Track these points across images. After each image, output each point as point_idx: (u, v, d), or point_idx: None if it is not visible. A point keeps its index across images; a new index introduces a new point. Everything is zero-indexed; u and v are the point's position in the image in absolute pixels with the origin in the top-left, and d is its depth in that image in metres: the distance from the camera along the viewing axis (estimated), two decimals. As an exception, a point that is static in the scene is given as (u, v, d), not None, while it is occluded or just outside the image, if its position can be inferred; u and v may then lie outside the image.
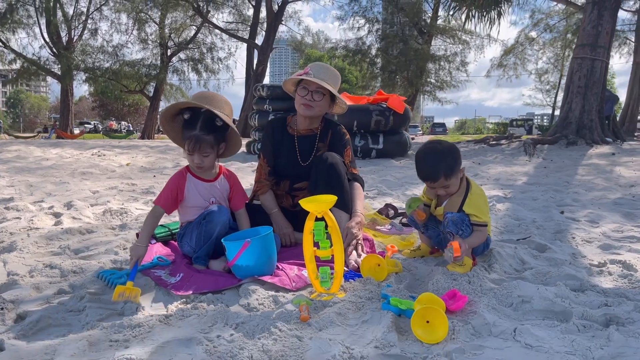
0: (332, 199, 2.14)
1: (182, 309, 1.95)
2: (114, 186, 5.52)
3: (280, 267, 2.43)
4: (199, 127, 2.47)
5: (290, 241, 2.87)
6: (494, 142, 11.95)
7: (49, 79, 34.78)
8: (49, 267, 2.46)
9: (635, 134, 18.53)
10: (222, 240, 2.39)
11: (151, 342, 1.66)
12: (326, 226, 2.14)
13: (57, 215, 3.77)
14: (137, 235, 3.03)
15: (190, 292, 2.17)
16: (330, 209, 2.16)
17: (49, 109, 75.92)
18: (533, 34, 33.46)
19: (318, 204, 2.12)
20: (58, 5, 28.05)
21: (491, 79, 35.85)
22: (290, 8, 29.23)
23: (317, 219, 2.14)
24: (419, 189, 5.27)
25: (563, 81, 37.12)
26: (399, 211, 3.76)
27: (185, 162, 2.69)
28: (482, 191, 2.55)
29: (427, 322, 1.73)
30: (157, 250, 2.73)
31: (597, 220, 3.68)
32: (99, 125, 46.56)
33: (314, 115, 2.87)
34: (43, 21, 28.44)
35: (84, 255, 2.73)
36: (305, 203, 2.12)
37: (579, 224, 3.53)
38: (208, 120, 2.50)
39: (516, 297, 2.01)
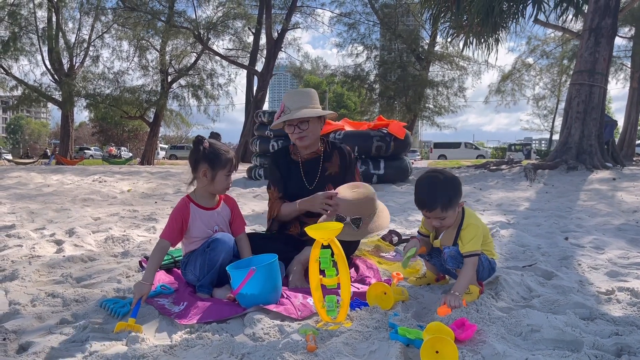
0: (338, 226, 2.13)
1: (187, 339, 1.92)
2: (116, 213, 5.50)
3: (286, 296, 2.41)
4: (226, 148, 2.59)
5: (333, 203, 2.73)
6: (494, 167, 11.95)
7: (49, 105, 34.97)
8: (51, 296, 2.43)
9: (634, 158, 18.58)
10: (226, 269, 2.37)
11: (156, 374, 1.64)
12: (332, 254, 2.13)
13: (58, 242, 3.74)
14: (140, 263, 3.01)
15: (195, 321, 2.15)
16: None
17: (49, 134, 76.24)
18: (530, 60, 33.88)
19: (324, 232, 2.11)
20: (60, 34, 28.40)
21: (489, 104, 36.13)
22: (289, 35, 29.63)
23: (323, 247, 2.13)
24: (421, 215, 5.25)
25: (560, 106, 37.47)
26: (403, 237, 3.74)
27: (182, 187, 2.74)
28: (476, 220, 2.48)
29: (437, 352, 1.70)
30: (161, 278, 2.71)
31: (602, 247, 3.66)
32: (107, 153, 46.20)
33: (311, 142, 2.96)
34: (45, 49, 28.77)
35: (87, 284, 2.70)
36: (311, 230, 2.11)
37: (584, 251, 3.51)
38: (212, 137, 2.67)
39: (525, 326, 1.98)
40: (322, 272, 2.16)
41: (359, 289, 2.61)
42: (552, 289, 2.60)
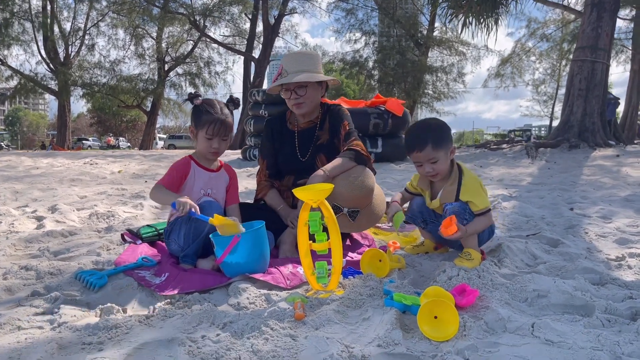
0: (328, 187, 1.97)
1: (165, 309, 1.80)
2: (103, 191, 5.34)
3: (274, 265, 2.26)
4: (220, 110, 2.47)
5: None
6: (495, 147, 11.82)
7: (47, 96, 34.84)
8: (25, 269, 2.29)
9: (635, 141, 18.41)
10: (210, 236, 2.22)
11: (128, 344, 1.51)
12: (322, 217, 1.97)
13: (39, 218, 3.58)
14: (122, 236, 2.85)
15: (176, 291, 2.02)
16: None
17: (47, 126, 76.04)
18: (529, 44, 33.63)
19: (313, 192, 1.95)
20: (55, 22, 28.13)
21: (489, 91, 36.09)
22: (287, 22, 29.35)
23: (312, 210, 1.97)
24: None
25: (560, 92, 37.26)
26: (401, 210, 3.59)
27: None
28: (475, 176, 2.43)
29: (435, 317, 1.56)
30: (143, 250, 2.57)
31: (609, 216, 3.54)
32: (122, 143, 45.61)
33: (309, 110, 2.75)
34: (40, 37, 28.51)
35: (64, 257, 2.56)
36: (300, 192, 1.95)
37: (590, 220, 3.38)
38: (229, 103, 2.57)
39: (531, 291, 1.87)
40: (311, 237, 2.00)
41: (352, 258, 2.47)
42: (558, 256, 2.49)
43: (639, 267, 2.26)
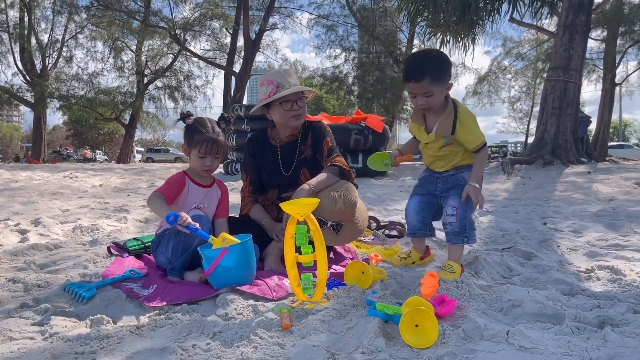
0: (314, 201, 2.05)
1: (155, 320, 1.83)
2: (86, 205, 5.31)
3: (260, 277, 2.32)
4: (212, 128, 2.53)
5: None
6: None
7: (22, 108, 34.27)
8: (12, 281, 2.30)
9: (607, 158, 18.89)
10: (198, 249, 2.28)
11: (120, 353, 1.54)
12: (308, 230, 2.05)
13: (23, 232, 3.57)
14: (109, 249, 2.87)
15: (164, 303, 2.06)
16: None
17: (21, 138, 74.52)
18: (505, 62, 34.39)
19: (300, 207, 2.03)
20: (32, 33, 27.80)
21: (466, 105, 36.55)
22: (268, 37, 29.48)
23: (299, 223, 2.05)
24: (400, 205, 5.21)
25: (535, 109, 38.03)
26: (381, 224, 3.68)
27: (156, 182, 2.62)
28: (469, 110, 2.42)
29: (416, 326, 1.64)
30: (130, 263, 2.60)
31: (580, 231, 3.67)
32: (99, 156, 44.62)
33: (303, 120, 2.85)
34: (17, 49, 28.12)
35: (51, 270, 2.57)
36: (286, 206, 2.04)
37: (562, 234, 3.51)
38: (220, 120, 2.63)
39: (506, 301, 1.95)
40: (297, 249, 2.08)
41: (336, 270, 2.54)
42: (532, 268, 2.59)
43: (607, 278, 2.37)
